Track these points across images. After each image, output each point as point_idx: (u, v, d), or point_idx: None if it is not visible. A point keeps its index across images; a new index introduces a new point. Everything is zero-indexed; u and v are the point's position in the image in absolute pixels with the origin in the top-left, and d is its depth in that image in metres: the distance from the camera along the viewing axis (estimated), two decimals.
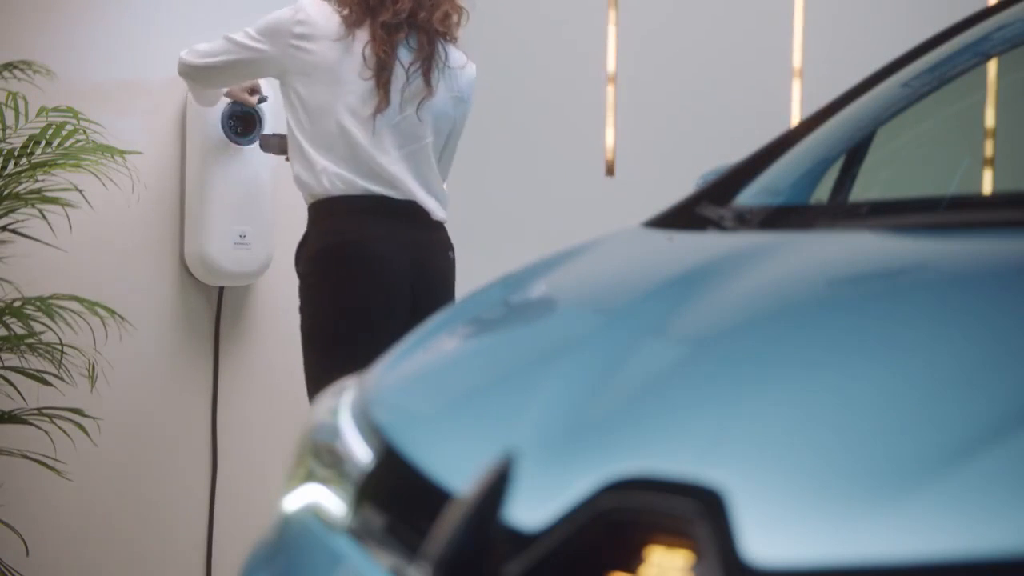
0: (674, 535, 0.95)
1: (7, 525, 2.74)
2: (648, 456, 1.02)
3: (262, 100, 3.08)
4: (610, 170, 3.85)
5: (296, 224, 3.24)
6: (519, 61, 3.81)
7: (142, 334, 3.02)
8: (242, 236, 3.16)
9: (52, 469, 2.71)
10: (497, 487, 0.97)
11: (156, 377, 3.12)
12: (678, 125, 3.85)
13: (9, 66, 2.67)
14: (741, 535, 0.92)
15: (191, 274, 3.17)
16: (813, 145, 1.93)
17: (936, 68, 1.95)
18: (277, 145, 3.00)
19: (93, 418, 2.74)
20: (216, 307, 3.21)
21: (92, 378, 2.70)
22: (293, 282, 3.24)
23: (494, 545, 0.96)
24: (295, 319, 3.26)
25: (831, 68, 3.65)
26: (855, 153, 1.97)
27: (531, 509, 1.01)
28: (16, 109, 2.65)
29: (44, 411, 2.68)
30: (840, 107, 1.94)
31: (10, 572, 2.70)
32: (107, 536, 3.05)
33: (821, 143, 1.94)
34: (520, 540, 0.99)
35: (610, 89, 3.81)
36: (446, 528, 0.94)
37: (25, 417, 2.68)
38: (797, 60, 3.87)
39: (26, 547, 2.78)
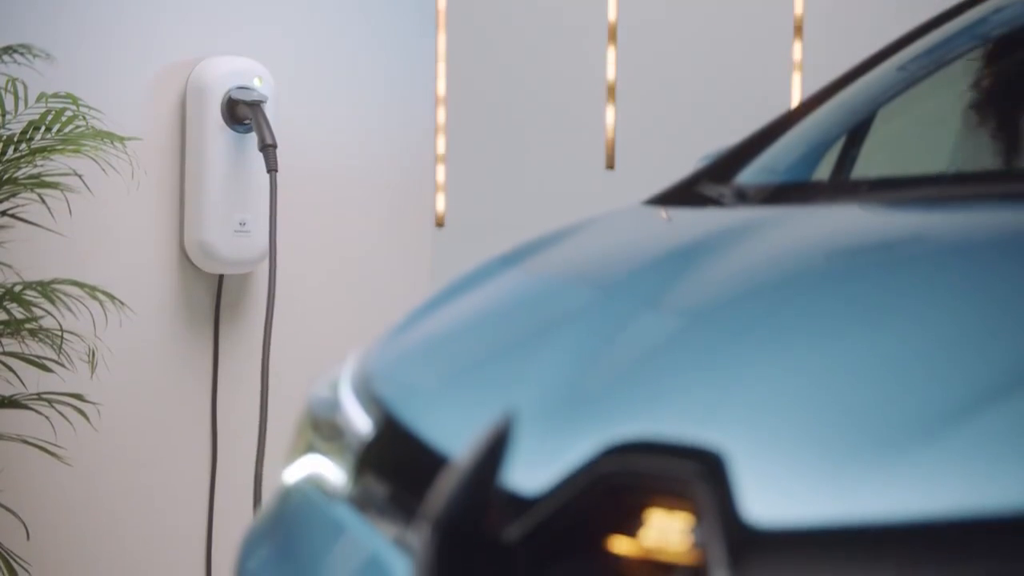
0: (674, 497, 0.95)
1: (7, 509, 2.74)
2: (648, 421, 1.02)
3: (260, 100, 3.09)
4: (610, 163, 3.84)
5: (296, 211, 3.24)
6: (516, 53, 3.81)
7: (142, 320, 3.02)
8: (242, 224, 3.16)
9: (52, 455, 2.71)
10: (497, 447, 0.97)
11: (156, 363, 3.12)
12: (679, 118, 3.85)
13: (9, 49, 2.67)
14: (741, 496, 0.92)
15: (191, 261, 3.17)
16: (814, 126, 1.93)
17: (936, 49, 1.95)
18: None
19: (94, 403, 2.74)
20: (216, 294, 3.21)
21: (92, 364, 2.70)
22: (293, 270, 3.24)
23: (493, 508, 0.96)
24: (294, 306, 3.26)
25: (832, 64, 3.64)
26: (856, 134, 1.97)
27: (530, 473, 1.01)
28: (16, 94, 2.65)
29: (44, 396, 2.68)
30: (841, 87, 1.94)
31: (11, 556, 2.70)
32: (108, 521, 3.05)
33: (822, 124, 1.94)
34: (520, 504, 0.99)
35: (610, 82, 3.81)
36: (445, 489, 0.94)
37: (25, 402, 2.68)
38: (797, 53, 3.87)
39: (27, 531, 2.78)
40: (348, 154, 3.31)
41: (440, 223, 3.65)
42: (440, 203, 3.66)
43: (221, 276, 3.22)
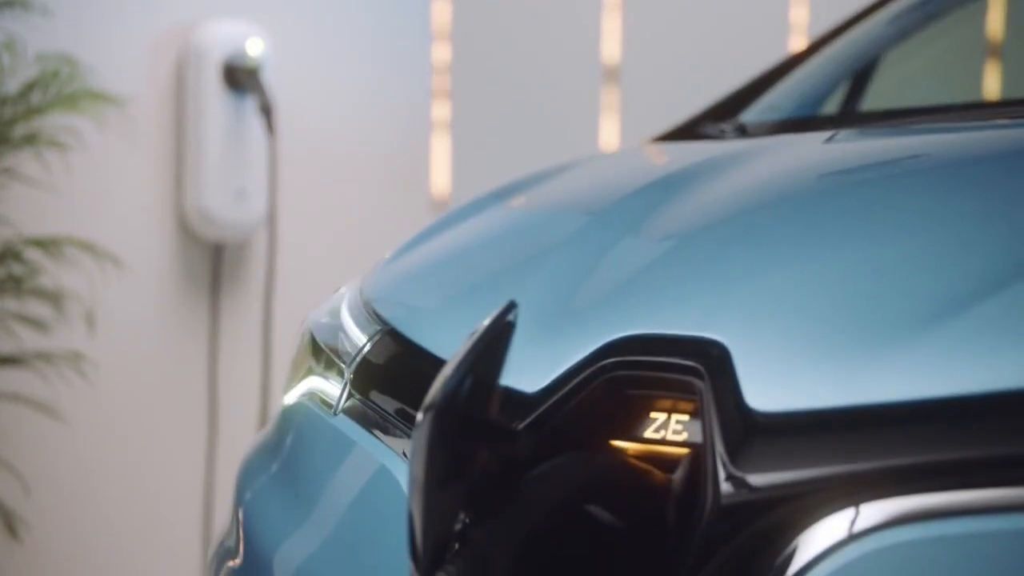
0: (676, 390, 0.94)
1: (6, 465, 2.73)
2: (648, 324, 1.01)
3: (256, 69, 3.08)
4: (612, 140, 3.83)
5: (296, 178, 3.23)
6: (520, 23, 3.79)
7: (140, 281, 3.02)
8: (241, 190, 3.15)
9: (51, 412, 2.70)
10: (500, 332, 0.95)
11: (155, 324, 3.11)
12: (685, 95, 3.82)
13: (8, 3, 2.65)
14: (744, 388, 0.90)
15: (189, 226, 3.15)
16: (819, 67, 1.92)
17: None
18: None
19: (92, 360, 2.73)
20: (215, 259, 3.20)
21: (91, 323, 2.69)
22: (292, 236, 3.23)
23: (494, 400, 0.95)
24: (293, 269, 3.26)
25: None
26: (861, 77, 1.96)
27: (530, 375, 1.00)
28: (13, 51, 2.63)
29: (42, 353, 2.67)
30: (846, 30, 1.93)
31: (10, 513, 2.69)
32: (106, 478, 3.05)
33: (827, 66, 1.93)
34: (520, 400, 0.98)
35: (614, 58, 3.80)
36: (446, 374, 0.92)
37: (23, 359, 2.67)
38: (802, 29, 3.87)
39: (26, 488, 2.77)
40: (347, 119, 3.30)
41: (439, 194, 3.64)
42: (440, 170, 3.65)
43: (220, 241, 3.21)
